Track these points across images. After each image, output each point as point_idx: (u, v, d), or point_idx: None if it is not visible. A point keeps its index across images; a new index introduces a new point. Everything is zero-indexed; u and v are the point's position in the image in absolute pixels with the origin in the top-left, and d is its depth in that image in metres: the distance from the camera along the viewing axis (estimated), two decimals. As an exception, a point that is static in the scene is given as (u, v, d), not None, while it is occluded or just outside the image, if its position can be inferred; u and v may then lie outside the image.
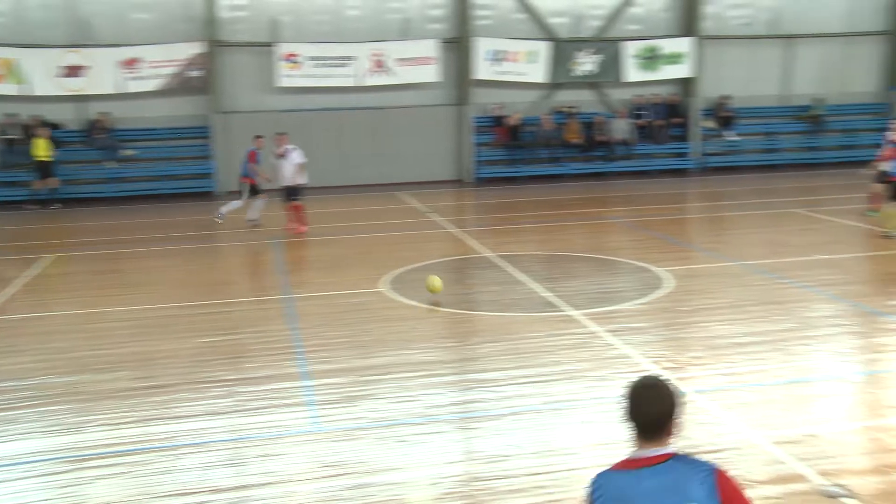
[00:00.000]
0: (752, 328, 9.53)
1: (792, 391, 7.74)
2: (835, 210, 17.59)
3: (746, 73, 25.17)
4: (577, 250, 14.38)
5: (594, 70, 24.06)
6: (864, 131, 25.64)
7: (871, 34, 25.68)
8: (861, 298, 10.88)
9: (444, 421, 7.26)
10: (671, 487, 3.07)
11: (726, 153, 24.83)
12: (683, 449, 3.26)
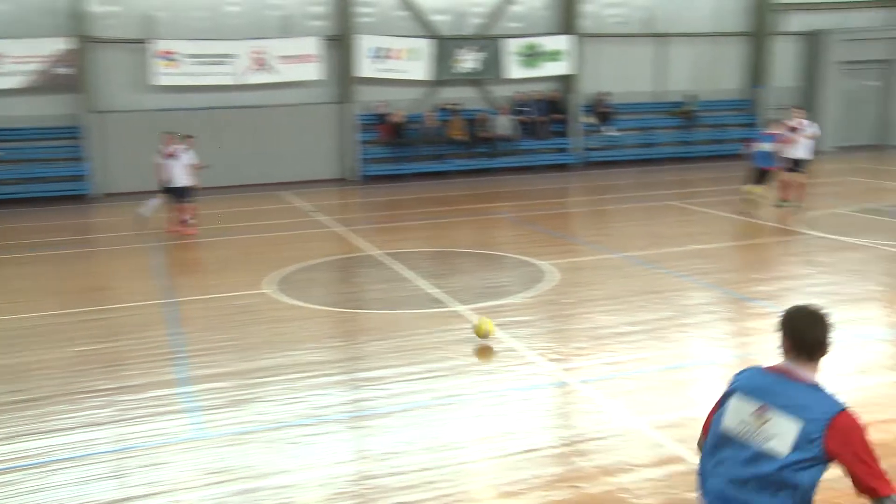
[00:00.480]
0: (633, 318, 9.85)
1: (670, 377, 8.03)
2: (707, 202, 18.34)
3: (623, 70, 25.94)
4: (463, 246, 14.53)
5: (476, 67, 24.34)
6: (732, 126, 26.88)
7: (735, 34, 26.86)
8: (732, 286, 11.38)
9: (334, 421, 7.23)
10: (789, 399, 3.49)
11: (606, 148, 25.53)
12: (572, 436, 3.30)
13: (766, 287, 11.25)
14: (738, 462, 3.51)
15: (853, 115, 28.26)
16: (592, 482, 5.99)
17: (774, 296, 10.74)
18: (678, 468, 6.15)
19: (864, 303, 10.45)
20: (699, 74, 26.74)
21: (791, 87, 27.64)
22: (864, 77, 28.27)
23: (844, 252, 13.24)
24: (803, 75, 27.81)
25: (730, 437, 3.58)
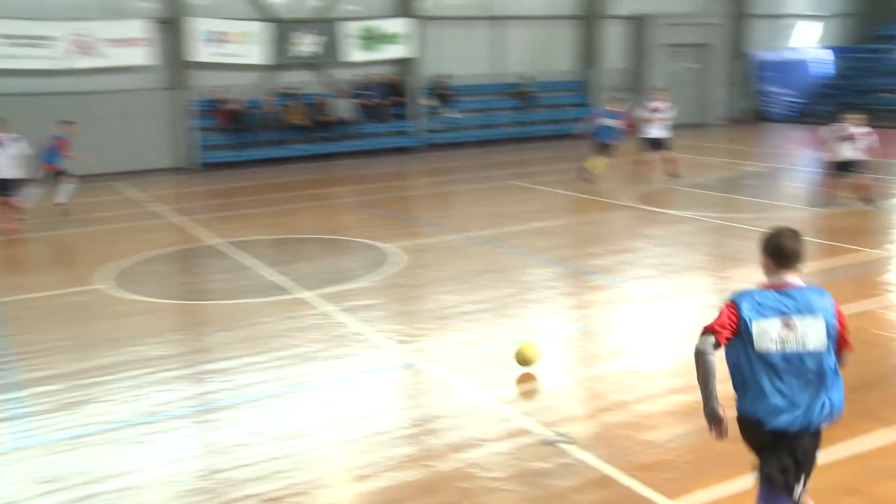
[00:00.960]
0: (477, 296, 10.02)
1: (515, 352, 8.22)
2: (546, 180, 18.87)
3: (462, 52, 26.24)
4: (307, 232, 14.37)
5: (315, 51, 24.02)
6: (567, 106, 27.70)
7: (568, 18, 27.67)
8: (571, 261, 11.77)
9: (178, 417, 7.01)
10: (802, 303, 4.20)
11: (447, 130, 25.79)
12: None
13: (603, 261, 11.69)
14: (804, 368, 4.14)
15: (676, 95, 29.48)
16: (443, 460, 6.07)
17: (611, 269, 11.18)
18: (525, 440, 6.32)
19: (693, 271, 11.03)
20: (535, 56, 27.39)
21: (621, 69, 28.75)
22: (685, 59, 29.77)
23: (674, 225, 13.93)
24: (632, 57, 28.98)
25: (775, 355, 4.15)
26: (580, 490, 5.59)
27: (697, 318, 9.11)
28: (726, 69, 30.51)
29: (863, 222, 13.92)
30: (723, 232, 13.42)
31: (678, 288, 10.23)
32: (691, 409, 6.75)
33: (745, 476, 5.68)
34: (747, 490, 5.55)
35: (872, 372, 7.46)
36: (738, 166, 20.45)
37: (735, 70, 30.83)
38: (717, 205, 15.94)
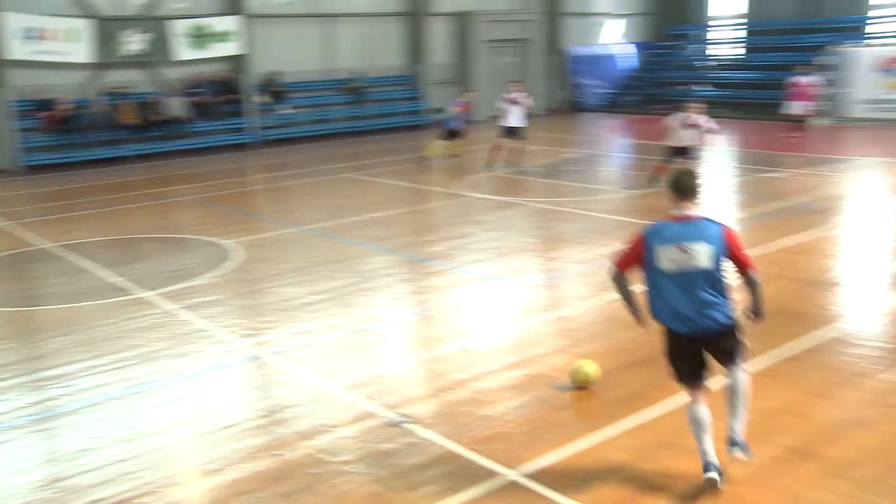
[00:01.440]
0: (319, 287, 9.95)
1: (357, 339, 8.24)
2: (381, 172, 18.91)
3: (293, 49, 25.82)
4: (145, 231, 13.80)
5: (144, 49, 22.99)
6: (398, 100, 27.84)
7: (395, 15, 27.75)
8: (407, 249, 11.88)
9: (15, 427, 6.60)
10: (694, 231, 5.08)
11: (281, 126, 25.34)
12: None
13: (438, 247, 11.85)
14: (690, 284, 5.05)
15: (499, 88, 30.37)
16: (292, 448, 6.02)
17: (445, 255, 11.35)
18: (371, 423, 6.35)
19: (521, 254, 11.36)
20: (365, 52, 27.32)
21: (447, 63, 29.15)
22: (505, 54, 30.54)
23: (502, 210, 14.29)
24: (457, 52, 29.42)
25: (671, 273, 5.08)
26: (425, 467, 5.67)
27: (529, 297, 9.43)
28: (544, 63, 31.50)
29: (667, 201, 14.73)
30: (548, 215, 13.88)
31: (509, 270, 10.52)
32: (525, 383, 6.99)
33: (575, 442, 5.95)
34: (579, 453, 5.81)
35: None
36: (558, 153, 21.18)
37: (552, 64, 31.89)
38: (542, 190, 16.48)
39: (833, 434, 5.94)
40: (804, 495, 5.16)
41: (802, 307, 8.65)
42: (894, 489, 5.19)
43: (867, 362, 7.21)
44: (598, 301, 9.13)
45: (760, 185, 15.98)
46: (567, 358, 7.46)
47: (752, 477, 5.37)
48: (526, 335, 8.19)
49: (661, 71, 33.44)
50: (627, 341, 7.86)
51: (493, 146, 19.00)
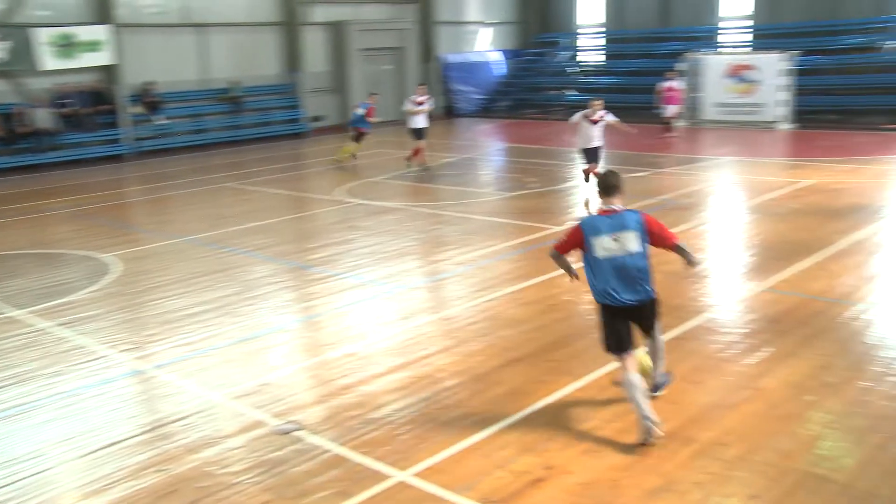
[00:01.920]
0: (202, 297, 9.67)
1: (243, 348, 8.04)
2: (261, 181, 18.56)
3: (168, 59, 24.99)
4: (16, 248, 13.06)
5: (4, 58, 21.76)
6: (275, 109, 27.41)
7: (270, 24, 27.29)
8: (290, 256, 11.69)
9: None
10: (620, 222, 5.90)
11: (157, 136, 24.50)
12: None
13: (320, 254, 11.71)
14: (623, 267, 5.87)
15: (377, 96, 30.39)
16: (179, 462, 5.81)
17: (328, 261, 11.23)
18: (258, 432, 6.20)
19: (403, 258, 11.36)
20: (241, 61, 26.74)
21: (324, 72, 28.89)
22: (381, 62, 30.53)
23: (382, 215, 14.26)
24: (333, 61, 29.19)
25: (605, 258, 5.89)
26: (316, 473, 5.58)
27: (412, 300, 9.43)
28: (419, 70, 31.65)
29: (546, 203, 15.06)
30: (428, 219, 13.93)
31: (391, 273, 10.49)
32: (411, 384, 6.98)
33: (462, 439, 5.98)
34: (466, 450, 5.84)
35: (561, 333, 8.11)
36: (436, 158, 21.31)
37: (427, 71, 32.07)
38: (421, 194, 16.53)
39: (703, 418, 6.18)
40: (677, 476, 5.34)
41: (673, 299, 8.96)
42: (757, 465, 5.45)
43: (733, 349, 7.54)
44: (479, 301, 9.22)
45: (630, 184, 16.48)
46: (451, 357, 7.50)
47: (628, 462, 5.52)
48: (410, 337, 8.18)
49: (532, 77, 34.20)
50: (508, 339, 7.97)
51: (413, 149, 19.26)
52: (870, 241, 11.26)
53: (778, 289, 9.27)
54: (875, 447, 5.65)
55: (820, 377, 6.81)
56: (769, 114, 25.03)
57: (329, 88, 29.08)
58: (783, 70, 24.97)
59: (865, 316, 8.32)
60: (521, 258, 11.16)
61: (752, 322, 8.27)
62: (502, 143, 25.37)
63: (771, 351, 7.42)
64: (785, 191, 15.02)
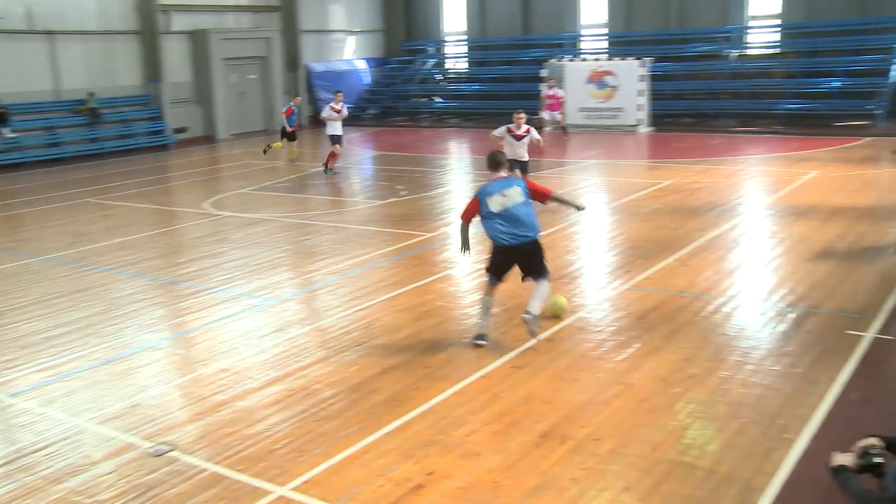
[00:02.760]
0: (63, 319, 9.22)
1: (110, 370, 7.71)
2: (124, 195, 17.86)
3: (13, 68, 23.71)
4: None
5: None
6: (135, 120, 26.48)
7: (126, 33, 26.32)
8: (158, 272, 11.30)
9: None
10: (507, 183, 7.71)
11: (6, 150, 23.19)
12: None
13: (189, 268, 11.38)
14: (513, 215, 7.60)
15: (242, 105, 29.86)
16: (42, 494, 5.50)
17: (198, 275, 10.93)
18: (131, 455, 5.96)
19: (275, 269, 11.17)
20: (96, 71, 25.66)
21: (187, 82, 28.12)
22: (245, 71, 29.98)
23: (251, 227, 13.98)
24: (195, 71, 28.44)
25: (500, 211, 7.60)
26: (191, 494, 5.41)
27: (285, 312, 9.29)
28: (285, 80, 31.25)
29: (417, 209, 15.15)
30: (299, 229, 13.76)
31: (264, 286, 10.31)
32: (288, 397, 6.88)
33: (342, 450, 5.94)
34: (346, 461, 5.80)
35: (435, 339, 8.18)
36: (304, 168, 21.09)
37: (293, 80, 31.71)
38: (291, 205, 16.32)
39: (578, 415, 6.36)
40: (555, 474, 5.48)
41: (541, 300, 9.20)
42: (629, 458, 5.66)
43: (603, 347, 7.80)
44: (353, 310, 9.18)
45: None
46: (327, 368, 7.44)
47: (507, 463, 5.63)
48: (285, 350, 8.06)
49: (399, 84, 34.38)
50: (384, 347, 7.97)
51: (331, 152, 19.44)
52: (727, 238, 11.90)
53: (643, 286, 9.66)
54: (735, 432, 5.97)
55: (685, 369, 7.14)
56: (630, 118, 26.07)
57: (192, 99, 28.32)
58: (640, 76, 26.08)
59: (725, 309, 8.78)
60: (394, 265, 11.19)
61: (620, 320, 8.58)
62: (371, 152, 25.37)
63: (638, 347, 7.73)
64: (647, 191, 15.67)
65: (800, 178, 16.60)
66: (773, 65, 28.34)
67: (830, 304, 8.77)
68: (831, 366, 7.08)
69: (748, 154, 20.74)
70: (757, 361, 7.29)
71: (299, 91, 31.09)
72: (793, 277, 9.80)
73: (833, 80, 25.91)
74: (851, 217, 12.82)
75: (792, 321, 8.29)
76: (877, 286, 9.28)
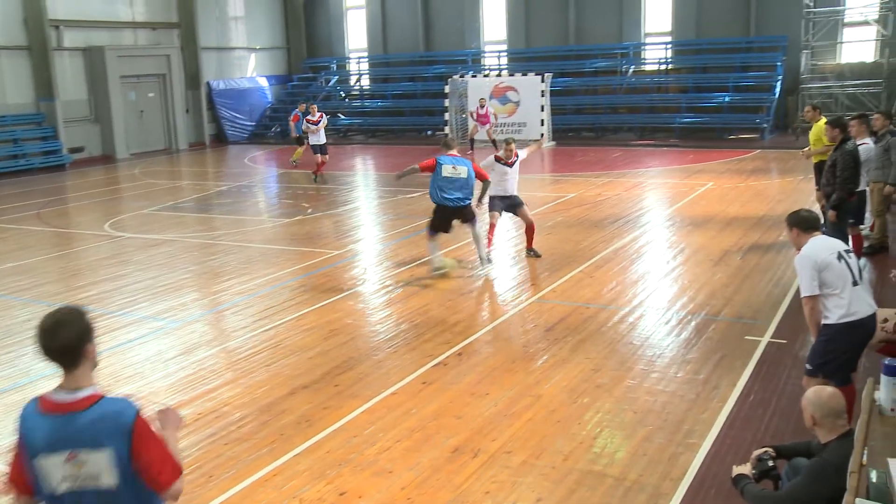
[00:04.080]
0: (-49, 350, 8.74)
1: (6, 400, 7.35)
2: (17, 217, 17.12)
3: None
4: None
5: None
6: (29, 140, 25.43)
7: (14, 48, 25.27)
8: (56, 297, 10.83)
9: None
10: (459, 160, 10.71)
11: None
12: None
13: (90, 292, 10.98)
14: (456, 185, 10.61)
15: (141, 124, 29.09)
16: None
17: (99, 299, 10.55)
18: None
19: (180, 291, 10.89)
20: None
21: (82, 100, 27.22)
22: (144, 89, 29.24)
23: (153, 248, 13.60)
24: (91, 88, 27.55)
25: (449, 178, 10.67)
26: (95, 527, 5.19)
27: (191, 334, 9.06)
28: (186, 97, 30.60)
29: (324, 227, 15.02)
30: (204, 250, 13.46)
31: (168, 308, 10.03)
32: (196, 420, 6.70)
33: (254, 473, 5.81)
34: (258, 483, 5.68)
35: (346, 357, 8.11)
36: (208, 187, 20.67)
37: (194, 98, 31.09)
38: (195, 224, 15.96)
39: (489, 428, 6.39)
40: (468, 488, 5.49)
41: (453, 315, 9.24)
42: (541, 469, 5.72)
43: (512, 360, 7.87)
44: (261, 330, 9.03)
45: (403, 205, 16.84)
46: (236, 390, 7.28)
47: (420, 480, 5.61)
48: (192, 372, 7.85)
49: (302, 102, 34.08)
50: (293, 367, 7.86)
51: (319, 162, 20.29)
52: (629, 249, 12.21)
53: (550, 299, 9.81)
54: (643, 439, 6.11)
55: (592, 379, 7.27)
56: (533, 132, 26.51)
57: (89, 118, 27.44)
58: (540, 91, 26.59)
59: (630, 318, 8.99)
60: (301, 284, 11.06)
61: (528, 332, 8.69)
62: (276, 169, 25.05)
63: (546, 359, 7.83)
64: (550, 205, 15.95)
65: (696, 189, 17.20)
66: (667, 80, 29.35)
67: (729, 310, 9.09)
68: (731, 371, 7.34)
69: (647, 167, 21.37)
70: (662, 369, 7.48)
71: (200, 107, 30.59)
72: (693, 286, 10.12)
73: (723, 95, 27.02)
74: (745, 226, 13.34)
75: (693, 329, 8.56)
76: (770, 292, 9.68)
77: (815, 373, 5.68)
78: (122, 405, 3.05)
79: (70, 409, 3.03)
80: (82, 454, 2.99)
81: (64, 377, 3.13)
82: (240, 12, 33.45)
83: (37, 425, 3.07)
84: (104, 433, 2.98)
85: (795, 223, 5.83)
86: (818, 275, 5.56)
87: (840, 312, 5.57)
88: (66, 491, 3.04)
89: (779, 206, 15.00)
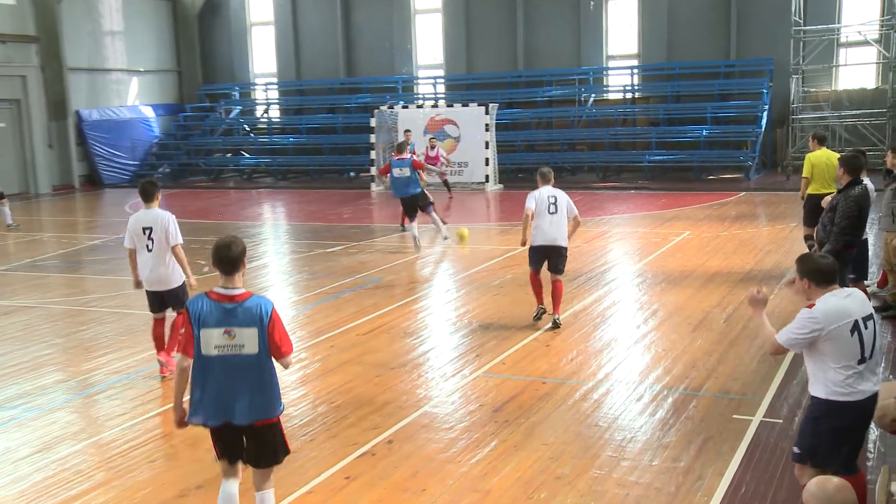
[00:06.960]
0: None
1: None
2: None
3: None
4: None
5: None
6: None
7: None
8: None
9: None
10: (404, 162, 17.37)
11: None
12: None
13: (-78, 374, 10.63)
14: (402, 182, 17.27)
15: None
16: None
17: (-67, 382, 10.20)
18: None
19: (40, 371, 10.60)
20: None
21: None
22: (-4, 118, 28.89)
23: (8, 317, 13.27)
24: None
25: (397, 177, 17.36)
26: None
27: (54, 425, 8.80)
28: (49, 129, 30.19)
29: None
30: (72, 318, 13.19)
31: (24, 393, 9.76)
32: (58, 535, 6.46)
33: None
34: None
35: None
36: (77, 240, 20.33)
37: (59, 129, 30.66)
38: (60, 287, 15.65)
39: (425, 532, 6.31)
40: None
41: (383, 394, 9.17)
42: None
43: (454, 447, 7.82)
44: (143, 418, 8.83)
45: (322, 260, 16.79)
46: (109, 494, 7.08)
47: None
48: (52, 474, 7.61)
49: (198, 137, 33.99)
50: (186, 462, 7.69)
51: None
52: (592, 311, 12.33)
53: (498, 372, 9.82)
54: (614, 542, 6.10)
55: (551, 469, 7.26)
56: (477, 173, 26.76)
57: None
58: (484, 124, 26.88)
59: (594, 395, 9.04)
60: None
61: (473, 414, 8.66)
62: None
63: (495, 445, 7.80)
64: (497, 260, 16.08)
65: (671, 239, 17.54)
66: (634, 111, 30.04)
67: (712, 384, 9.21)
68: (717, 457, 7.40)
69: (612, 213, 21.75)
70: (634, 456, 7.51)
71: (68, 142, 30.21)
72: (669, 355, 10.24)
73: (700, 129, 27.64)
74: (729, 282, 13.62)
75: (671, 406, 8.63)
76: (761, 361, 9.83)
77: (802, 459, 5.60)
78: (264, 300, 5.69)
79: (231, 300, 5.62)
80: (235, 329, 5.57)
81: (225, 279, 5.67)
82: (117, 26, 33.26)
83: (207, 308, 5.62)
84: (253, 317, 5.58)
85: (809, 275, 5.54)
86: (816, 342, 5.42)
87: (835, 389, 5.41)
88: (217, 355, 5.59)
89: (768, 259, 15.36)
